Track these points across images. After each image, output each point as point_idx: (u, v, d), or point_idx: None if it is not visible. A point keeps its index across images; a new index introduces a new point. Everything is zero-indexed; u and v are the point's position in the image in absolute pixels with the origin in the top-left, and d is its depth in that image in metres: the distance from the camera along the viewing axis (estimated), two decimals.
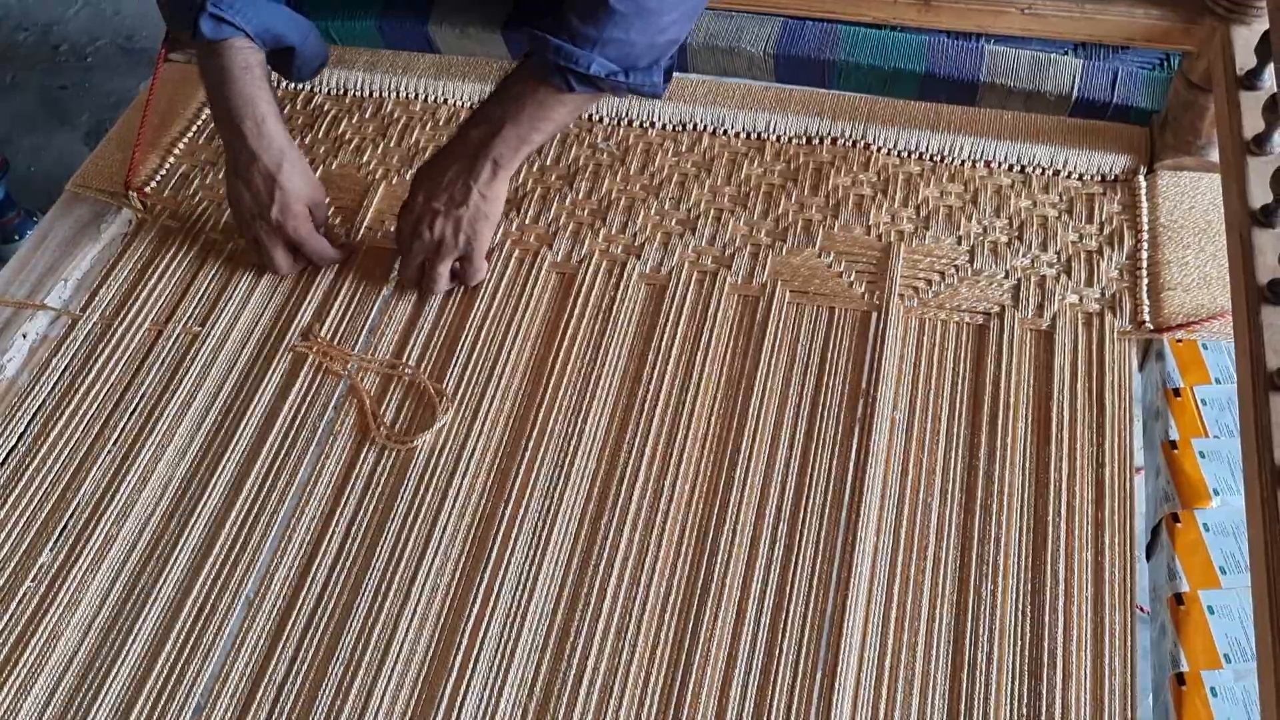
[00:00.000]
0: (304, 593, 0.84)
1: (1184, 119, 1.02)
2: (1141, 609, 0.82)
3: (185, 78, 1.21)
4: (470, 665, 0.79)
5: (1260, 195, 0.78)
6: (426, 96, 1.19)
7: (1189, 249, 0.98)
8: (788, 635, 0.80)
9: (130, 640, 0.82)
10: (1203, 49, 0.97)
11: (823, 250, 1.01)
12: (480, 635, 0.81)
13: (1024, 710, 0.76)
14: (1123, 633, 0.78)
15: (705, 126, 1.12)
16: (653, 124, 1.13)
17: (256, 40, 0.96)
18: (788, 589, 0.82)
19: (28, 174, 1.97)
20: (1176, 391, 0.89)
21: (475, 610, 0.82)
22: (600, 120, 1.14)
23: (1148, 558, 0.85)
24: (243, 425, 0.93)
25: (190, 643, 0.82)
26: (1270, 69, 0.83)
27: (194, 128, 1.18)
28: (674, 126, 1.13)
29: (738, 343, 0.96)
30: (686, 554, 0.84)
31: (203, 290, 1.03)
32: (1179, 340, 0.92)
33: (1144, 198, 1.03)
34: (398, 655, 0.80)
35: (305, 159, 1.00)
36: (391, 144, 1.14)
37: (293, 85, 1.21)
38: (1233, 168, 0.81)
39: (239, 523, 0.88)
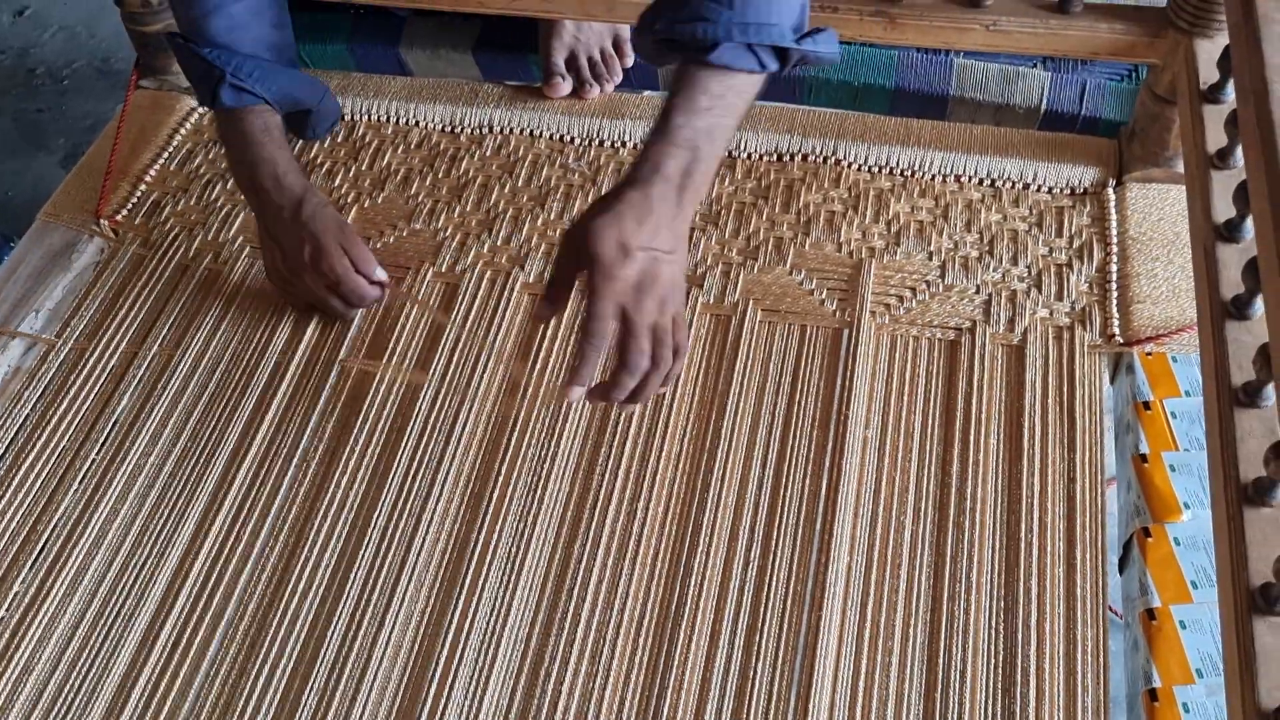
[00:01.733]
0: (279, 619, 0.83)
1: (1151, 131, 1.02)
2: (1113, 610, 0.82)
3: (156, 104, 1.21)
4: (445, 692, 0.79)
5: (1224, 209, 0.78)
6: (399, 119, 1.19)
7: (1157, 261, 0.99)
8: (762, 656, 0.80)
9: (105, 670, 0.81)
10: (1167, 62, 0.98)
11: (794, 268, 1.01)
12: (455, 661, 0.81)
13: None
14: (1095, 648, 0.78)
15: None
16: (624, 143, 1.13)
17: (275, 105, 0.97)
18: (761, 610, 0.82)
19: (5, 199, 1.97)
20: (1146, 405, 0.89)
21: (449, 636, 0.82)
22: (571, 140, 1.14)
23: (1120, 571, 0.86)
24: (216, 452, 0.93)
25: (166, 671, 0.81)
26: (1233, 83, 0.84)
27: (165, 154, 1.17)
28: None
29: (710, 362, 0.96)
30: (660, 576, 0.84)
31: (175, 317, 1.03)
32: (1148, 353, 0.92)
33: (1113, 210, 1.03)
34: (372, 683, 0.80)
35: (328, 202, 0.98)
36: (364, 167, 1.14)
37: None
38: (1196, 182, 0.82)
39: (213, 549, 0.87)
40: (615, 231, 0.77)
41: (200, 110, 1.22)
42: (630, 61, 1.18)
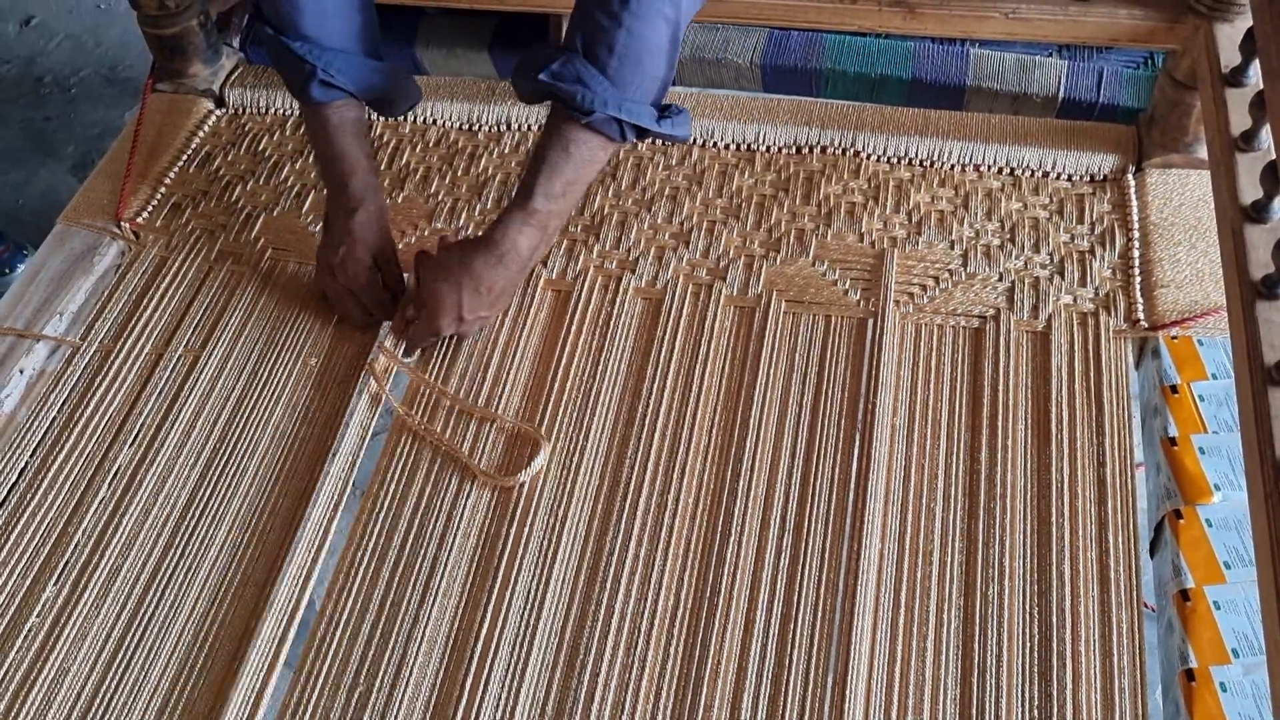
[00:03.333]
0: (320, 621, 0.84)
1: (1171, 117, 1.02)
2: (1148, 606, 0.82)
3: (173, 107, 1.21)
4: (481, 686, 0.79)
5: (1250, 191, 0.79)
6: (415, 118, 1.19)
7: (1180, 246, 0.99)
8: (797, 645, 0.80)
9: (140, 676, 0.82)
10: (1187, 47, 0.98)
11: (816, 259, 1.02)
12: (490, 656, 0.81)
13: (1035, 713, 0.76)
14: (1130, 630, 0.79)
15: (695, 139, 1.12)
16: None
17: (359, 96, 0.98)
18: (794, 599, 0.82)
19: (15, 207, 1.97)
20: (1174, 388, 0.89)
21: (484, 630, 0.82)
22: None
23: (1151, 555, 0.86)
24: (247, 452, 0.93)
25: (201, 675, 0.81)
26: (1255, 65, 0.84)
27: (184, 157, 1.18)
28: (663, 140, 1.13)
29: (735, 354, 0.96)
30: (692, 567, 0.84)
31: (200, 315, 1.03)
32: (1174, 337, 0.92)
33: (1133, 196, 1.03)
34: (408, 679, 0.80)
35: (385, 215, 0.99)
36: (383, 167, 1.15)
37: (284, 110, 1.21)
38: (1222, 165, 0.82)
39: (246, 549, 0.87)
40: (455, 300, 0.94)
41: (218, 113, 1.22)
42: None
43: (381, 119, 1.18)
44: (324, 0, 0.93)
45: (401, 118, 1.19)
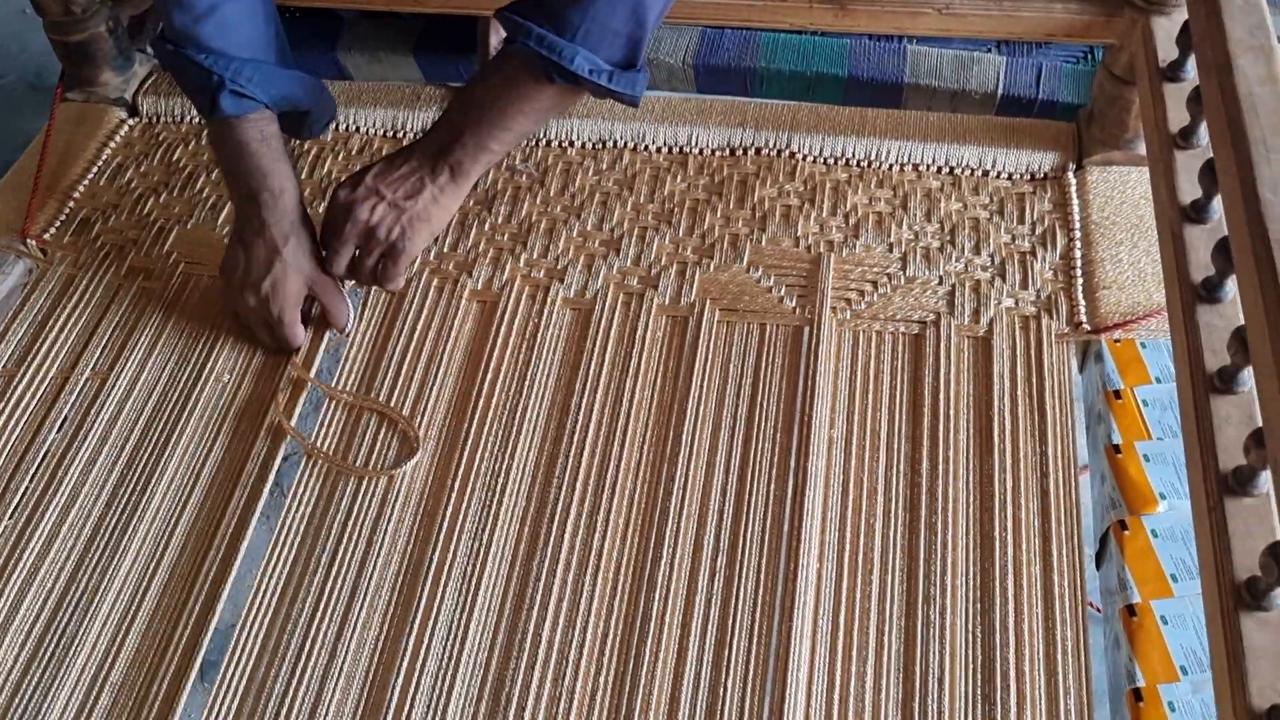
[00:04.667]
0: (231, 654, 0.79)
1: (1110, 113, 1.00)
2: (1094, 606, 0.79)
3: (84, 117, 1.16)
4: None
5: (1189, 190, 0.76)
6: (339, 125, 1.14)
7: (1122, 245, 0.96)
8: (732, 672, 0.77)
9: (40, 717, 0.77)
10: (1124, 42, 0.95)
11: (751, 265, 0.98)
12: (411, 689, 0.77)
13: None
14: (1076, 648, 0.76)
15: (625, 143, 1.09)
16: (571, 143, 1.10)
17: (273, 108, 0.93)
18: (730, 623, 0.79)
19: None
20: (1117, 393, 0.86)
21: (405, 663, 0.78)
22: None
23: (1097, 566, 0.83)
24: (155, 481, 0.88)
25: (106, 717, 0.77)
26: (1193, 60, 0.81)
27: (95, 169, 1.12)
28: (593, 144, 1.09)
29: (668, 366, 0.92)
30: (623, 592, 0.81)
31: (109, 335, 0.98)
32: (1116, 340, 0.90)
33: (1074, 195, 1.01)
34: (324, 717, 0.76)
35: (314, 241, 0.94)
36: (303, 175, 1.10)
37: (200, 119, 1.16)
38: (1160, 163, 0.79)
39: (150, 584, 0.83)
40: (361, 173, 0.93)
41: (130, 122, 1.17)
42: None
43: None
44: (225, 11, 0.88)
45: None
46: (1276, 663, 0.58)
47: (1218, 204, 0.73)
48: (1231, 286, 0.70)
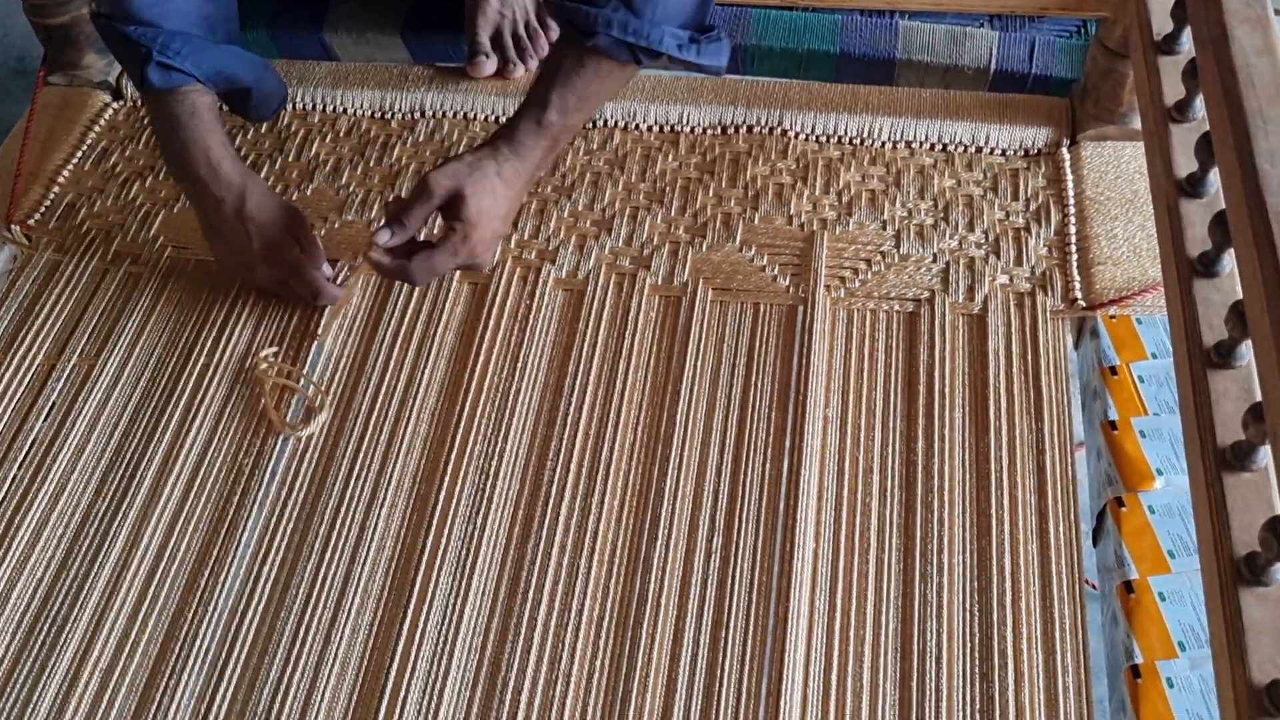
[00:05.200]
0: (221, 639, 0.79)
1: (1104, 87, 0.99)
2: (1090, 584, 0.79)
3: (67, 101, 1.15)
4: (398, 708, 0.75)
5: (1185, 164, 0.75)
6: (326, 106, 1.13)
7: (1117, 221, 0.96)
8: (729, 653, 0.76)
9: (31, 706, 0.76)
10: (1118, 14, 0.94)
11: (744, 244, 0.97)
12: (407, 674, 0.76)
13: (977, 715, 0.73)
14: (1073, 625, 0.76)
15: (616, 122, 1.08)
16: None
17: (207, 84, 0.91)
18: (726, 604, 0.78)
19: None
20: (1113, 370, 0.86)
21: (400, 648, 0.77)
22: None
23: (1094, 543, 0.83)
24: (143, 466, 0.87)
25: (95, 704, 0.76)
26: (1188, 32, 0.81)
27: (79, 154, 1.11)
28: (584, 124, 1.08)
29: (661, 346, 0.91)
30: (618, 573, 0.80)
31: (96, 320, 0.97)
32: (1112, 317, 0.89)
33: (1068, 170, 1.00)
34: (319, 704, 0.76)
35: (268, 188, 0.92)
36: (290, 158, 1.09)
37: None
38: (1155, 137, 0.79)
39: (143, 570, 0.82)
40: (493, 209, 0.86)
41: (115, 106, 1.15)
42: (556, 36, 1.14)
43: (289, 109, 1.12)
44: None
45: (311, 105, 1.13)
46: (1276, 638, 0.58)
47: (1214, 177, 0.72)
48: (1229, 260, 0.69)
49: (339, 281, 0.95)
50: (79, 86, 1.16)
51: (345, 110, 1.13)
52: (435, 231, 0.90)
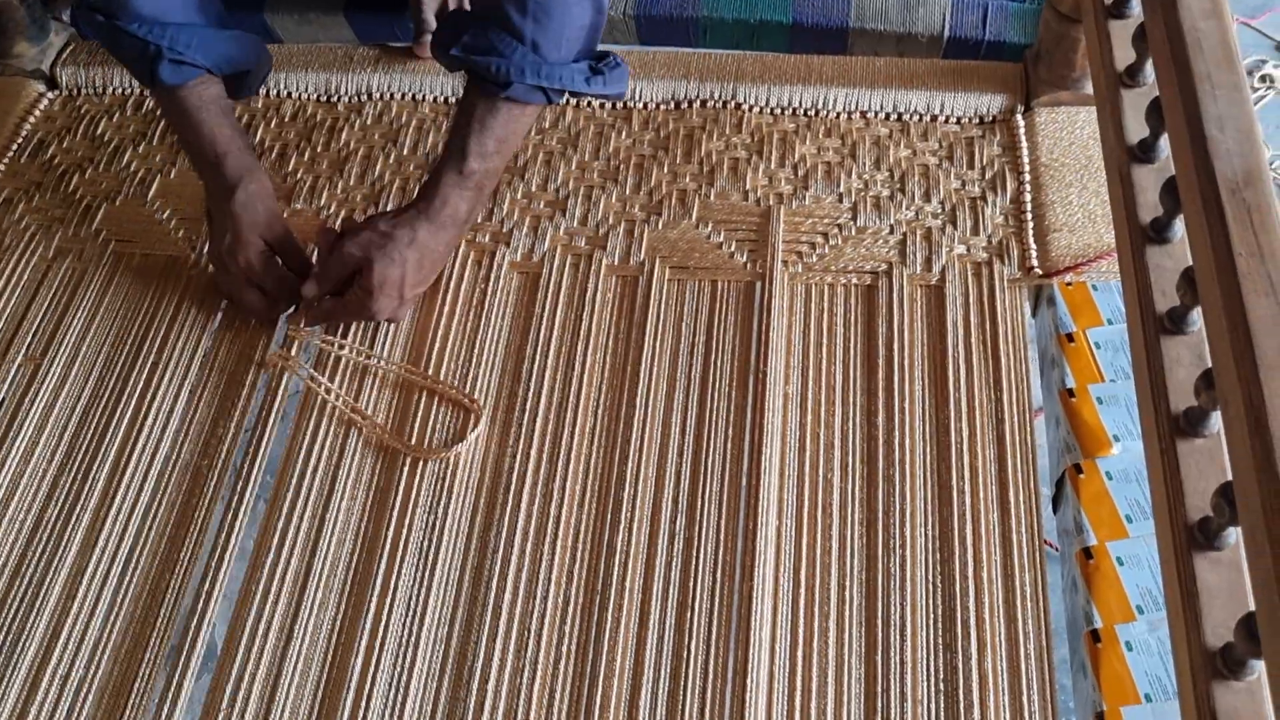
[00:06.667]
0: (188, 643, 0.78)
1: (1057, 52, 0.99)
2: (1050, 544, 0.79)
3: (1, 91, 1.12)
4: (363, 702, 0.74)
5: (1137, 129, 0.75)
6: (269, 91, 1.11)
7: (1071, 187, 0.96)
8: (694, 634, 0.76)
9: None
10: None
11: (700, 221, 0.96)
12: (372, 668, 0.76)
13: (942, 685, 0.73)
14: (1034, 592, 0.76)
15: (567, 100, 1.06)
16: None
17: (216, 72, 0.90)
18: (691, 584, 0.78)
19: None
20: (1070, 336, 0.86)
21: (364, 642, 0.77)
22: (457, 103, 1.08)
23: (1054, 510, 0.83)
24: (97, 463, 0.86)
25: (56, 711, 0.75)
26: None
27: (15, 146, 1.08)
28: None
29: (619, 327, 0.91)
30: (582, 560, 0.80)
31: (40, 319, 0.95)
32: (1068, 284, 0.89)
33: (1023, 137, 1.00)
34: (284, 702, 0.75)
35: (270, 193, 0.90)
36: None
37: (124, 89, 1.12)
38: (1107, 102, 0.78)
39: (100, 567, 0.81)
40: (399, 276, 0.87)
41: (49, 95, 1.13)
42: None
43: None
44: None
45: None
46: (1229, 601, 0.58)
47: (1165, 143, 0.72)
48: (1179, 226, 0.69)
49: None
50: (11, 76, 1.13)
51: (289, 94, 1.11)
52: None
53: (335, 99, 1.10)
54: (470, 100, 0.86)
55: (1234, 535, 0.59)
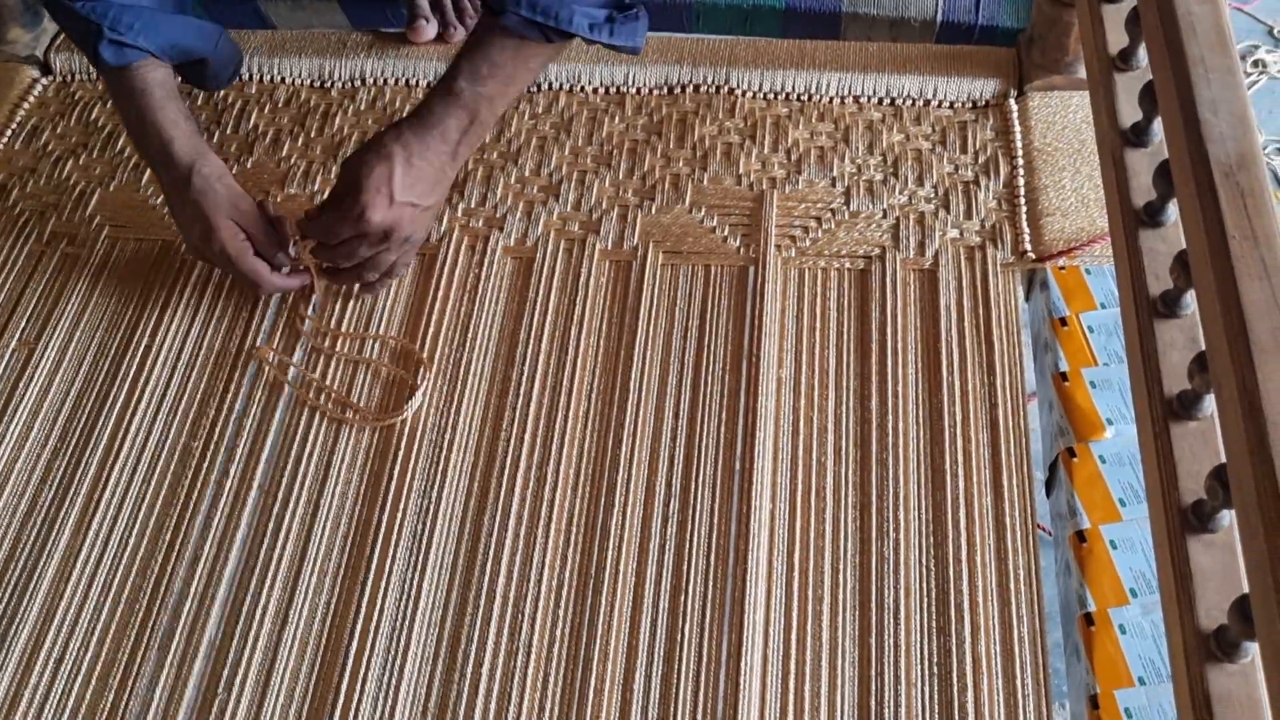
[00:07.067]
0: (175, 627, 0.78)
1: (1050, 36, 0.99)
2: (1044, 529, 0.80)
3: None
4: (358, 685, 0.74)
5: (1130, 113, 0.75)
6: (263, 76, 1.10)
7: (1064, 171, 0.96)
8: (689, 617, 0.76)
9: None
10: None
11: (693, 205, 0.96)
12: (366, 652, 0.76)
13: (935, 668, 0.73)
14: (1028, 576, 0.76)
15: (561, 84, 1.06)
16: None
17: (162, 57, 0.88)
18: (685, 568, 0.78)
19: None
20: (1063, 321, 0.86)
21: (359, 624, 0.77)
22: None
23: (1047, 494, 0.83)
24: (90, 448, 0.86)
25: (48, 702, 0.75)
26: None
27: (8, 132, 1.08)
28: (528, 87, 1.06)
29: (613, 312, 0.91)
30: (576, 542, 0.80)
31: (34, 305, 0.95)
32: (1061, 268, 0.90)
33: (1016, 122, 1.00)
34: (279, 684, 0.75)
35: (224, 170, 0.88)
36: (228, 131, 1.06)
37: None
38: (1100, 86, 0.78)
39: (93, 552, 0.81)
40: (385, 180, 0.83)
41: (43, 81, 1.12)
42: None
43: None
44: None
45: (247, 75, 1.10)
46: (1223, 584, 0.58)
47: (1158, 126, 0.72)
48: (1173, 210, 0.69)
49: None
50: (5, 62, 1.12)
51: (283, 79, 1.10)
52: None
53: (329, 84, 1.09)
54: (476, 26, 0.85)
55: (1227, 518, 0.59)
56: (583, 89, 1.06)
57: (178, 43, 0.89)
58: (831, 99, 1.04)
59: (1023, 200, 0.94)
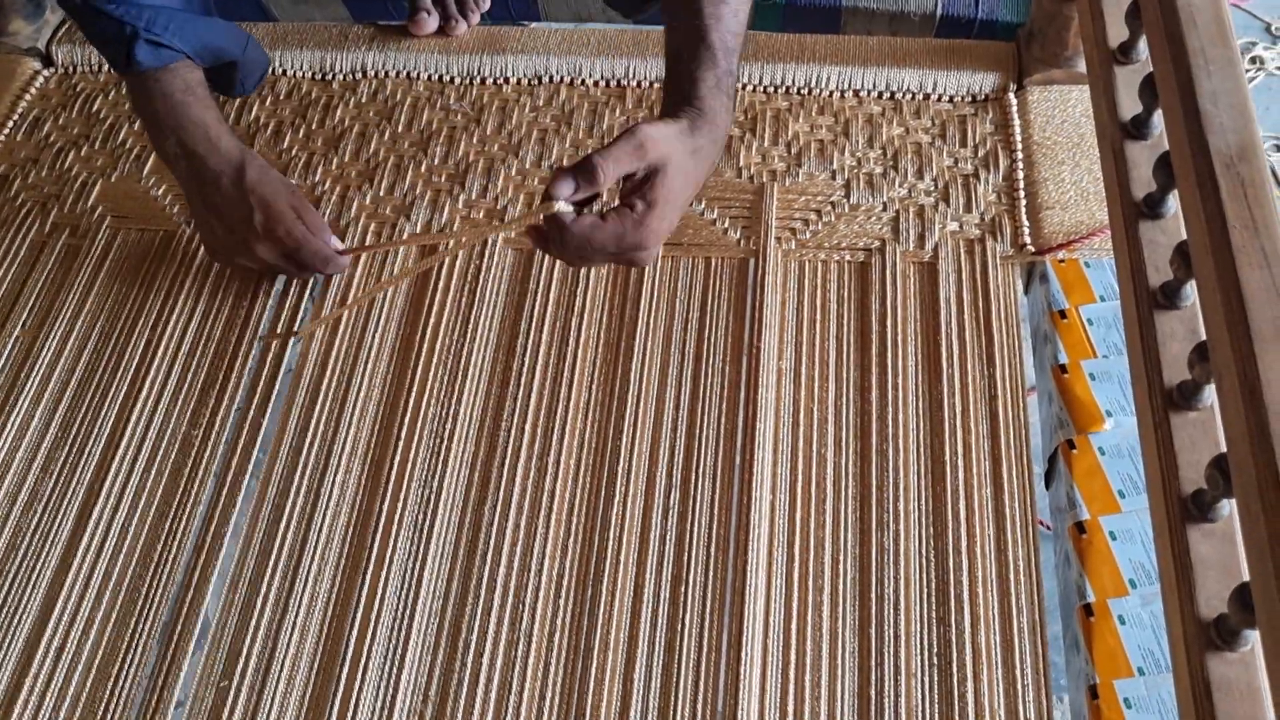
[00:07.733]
0: (182, 617, 0.78)
1: (1049, 30, 0.99)
2: (1043, 524, 0.80)
3: None
4: (359, 675, 0.75)
5: (1130, 106, 0.75)
6: None
7: (1064, 165, 0.96)
8: (689, 608, 0.77)
9: None
10: None
11: (694, 198, 0.96)
12: (367, 641, 0.76)
13: (934, 659, 0.74)
14: (1028, 567, 0.76)
15: (562, 77, 1.06)
16: (507, 79, 1.07)
17: (196, 59, 0.88)
18: (685, 558, 0.78)
19: None
20: (1062, 313, 0.87)
21: (359, 614, 0.77)
22: (451, 80, 1.08)
23: (1046, 486, 0.84)
24: (91, 439, 0.86)
25: (46, 694, 0.75)
26: None
27: (10, 124, 1.08)
28: (529, 80, 1.06)
29: (613, 303, 0.91)
30: (576, 532, 0.80)
31: (36, 295, 0.95)
32: (1061, 260, 0.90)
33: (1015, 115, 1.00)
34: (279, 674, 0.75)
35: (270, 164, 0.88)
36: (229, 123, 1.05)
37: (111, 71, 1.12)
38: (1100, 79, 0.78)
39: (94, 543, 0.81)
40: (673, 217, 0.74)
41: (45, 73, 1.12)
42: None
43: None
44: None
45: None
46: (1223, 573, 0.59)
47: (1158, 119, 0.72)
48: (1173, 202, 0.69)
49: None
50: (7, 54, 1.12)
51: (284, 71, 1.10)
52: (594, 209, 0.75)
53: (330, 77, 1.09)
54: (681, 5, 0.77)
55: (1227, 507, 0.59)
56: (583, 82, 1.06)
57: (210, 44, 0.89)
58: (831, 93, 1.04)
59: (1022, 194, 0.95)
